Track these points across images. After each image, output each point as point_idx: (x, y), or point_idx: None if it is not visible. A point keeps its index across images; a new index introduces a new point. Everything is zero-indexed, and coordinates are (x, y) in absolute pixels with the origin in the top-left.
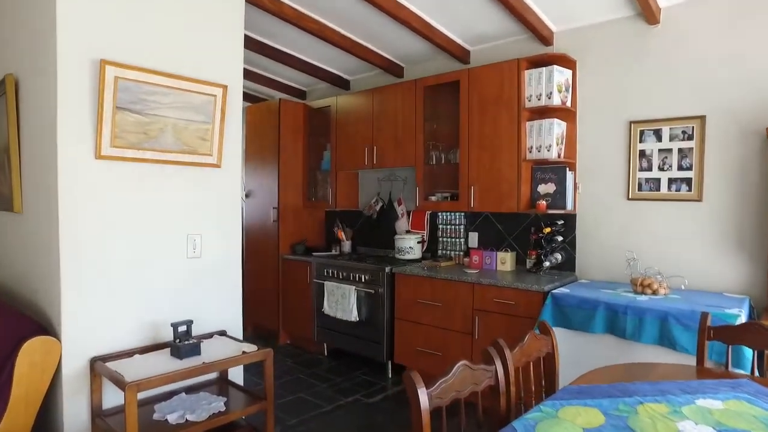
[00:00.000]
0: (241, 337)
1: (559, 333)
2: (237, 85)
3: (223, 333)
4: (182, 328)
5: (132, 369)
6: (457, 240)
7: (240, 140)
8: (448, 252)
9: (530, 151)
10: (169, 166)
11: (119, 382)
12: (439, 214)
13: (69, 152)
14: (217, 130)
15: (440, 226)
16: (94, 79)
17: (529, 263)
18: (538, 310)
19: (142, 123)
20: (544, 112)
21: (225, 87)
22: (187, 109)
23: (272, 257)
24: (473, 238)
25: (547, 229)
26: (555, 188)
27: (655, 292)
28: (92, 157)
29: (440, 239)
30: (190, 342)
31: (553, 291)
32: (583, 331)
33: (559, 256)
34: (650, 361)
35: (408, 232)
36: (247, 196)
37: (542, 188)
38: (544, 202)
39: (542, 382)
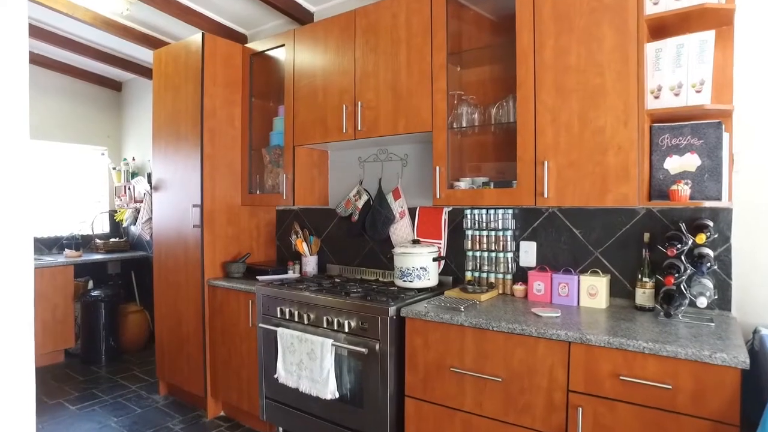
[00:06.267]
0: None
1: None
2: None
3: None
4: None
5: None
6: (502, 255)
7: (25, 58)
8: (485, 275)
9: (656, 97)
10: None
11: None
12: (467, 212)
13: None
14: None
15: (468, 233)
16: None
17: (643, 295)
18: (725, 405)
19: None
20: (680, 24)
21: None
22: None
23: (193, 283)
24: (529, 251)
25: (702, 237)
26: (700, 162)
27: None
28: None
29: (469, 254)
30: None
31: None
32: None
33: (710, 285)
34: None
35: (415, 242)
36: (154, 189)
37: (673, 163)
38: (686, 189)
39: None
